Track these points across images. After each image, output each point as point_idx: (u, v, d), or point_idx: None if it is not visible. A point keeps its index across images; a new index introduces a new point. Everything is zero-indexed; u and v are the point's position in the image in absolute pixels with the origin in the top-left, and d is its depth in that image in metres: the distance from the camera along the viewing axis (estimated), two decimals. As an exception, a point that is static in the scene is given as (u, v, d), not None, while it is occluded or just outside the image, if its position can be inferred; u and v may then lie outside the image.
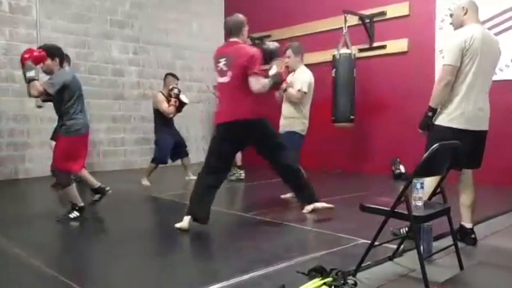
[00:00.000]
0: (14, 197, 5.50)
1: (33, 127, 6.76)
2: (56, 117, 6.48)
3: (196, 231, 3.50)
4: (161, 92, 5.87)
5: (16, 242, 3.22)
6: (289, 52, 4.47)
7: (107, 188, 4.23)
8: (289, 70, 4.37)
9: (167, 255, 3.06)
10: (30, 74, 3.69)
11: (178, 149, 6.00)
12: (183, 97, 5.82)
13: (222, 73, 3.57)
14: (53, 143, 5.71)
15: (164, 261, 2.88)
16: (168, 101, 5.70)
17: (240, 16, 3.64)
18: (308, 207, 3.91)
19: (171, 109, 5.68)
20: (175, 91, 5.66)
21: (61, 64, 3.93)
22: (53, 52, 3.86)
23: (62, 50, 4.01)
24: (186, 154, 6.15)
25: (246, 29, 3.66)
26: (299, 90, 4.43)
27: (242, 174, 6.34)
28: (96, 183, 4.21)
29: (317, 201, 3.94)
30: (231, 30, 3.61)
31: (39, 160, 6.78)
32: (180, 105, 5.85)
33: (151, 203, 5.05)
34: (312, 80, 4.57)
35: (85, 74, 7.10)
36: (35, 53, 3.78)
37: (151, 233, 3.69)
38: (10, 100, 6.54)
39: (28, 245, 3.18)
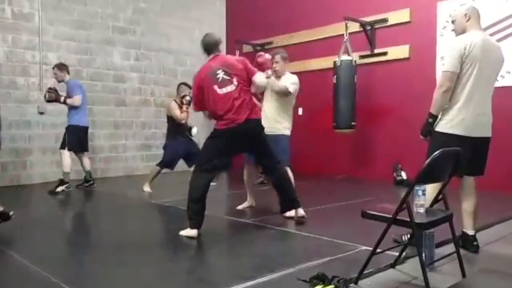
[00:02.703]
0: (16, 203, 5.49)
1: (35, 133, 6.78)
2: (58, 122, 6.59)
3: (196, 237, 3.49)
4: (174, 100, 6.03)
5: (17, 248, 3.22)
6: (277, 57, 4.50)
7: (11, 213, 3.74)
8: (277, 75, 4.41)
9: (166, 263, 3.05)
10: None
11: (192, 156, 6.09)
12: (194, 130, 5.98)
13: (224, 82, 3.62)
14: (65, 152, 5.80)
15: (163, 269, 2.87)
16: (180, 108, 5.86)
17: (216, 34, 3.86)
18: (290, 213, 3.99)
19: (184, 115, 5.86)
20: (187, 98, 5.86)
21: None
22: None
23: None
24: None
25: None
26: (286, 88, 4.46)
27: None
28: None
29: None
30: (215, 46, 3.79)
31: (40, 166, 6.80)
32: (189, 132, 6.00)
33: (150, 209, 5.02)
34: (298, 84, 4.55)
35: (87, 80, 7.12)
36: None
37: (150, 240, 3.67)
38: (12, 106, 6.56)
39: (29, 251, 3.18)
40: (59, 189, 5.72)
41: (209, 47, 3.78)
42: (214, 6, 9.10)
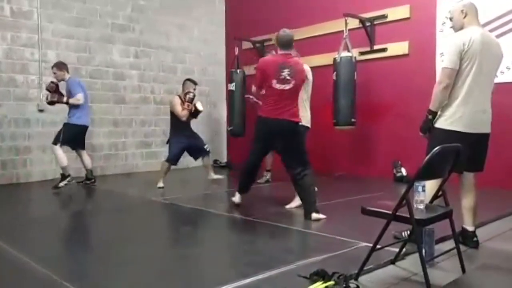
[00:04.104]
0: (16, 201, 5.50)
1: (34, 131, 6.77)
2: (58, 120, 6.59)
3: (196, 234, 3.50)
4: (178, 95, 6.00)
5: (17, 246, 3.22)
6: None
7: None
8: None
9: (167, 260, 3.05)
10: None
11: (197, 150, 6.11)
12: (198, 105, 6.00)
13: (285, 81, 3.98)
14: (56, 147, 5.76)
15: (163, 266, 2.87)
16: (183, 104, 5.82)
17: (291, 33, 4.19)
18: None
19: (184, 112, 5.81)
20: (190, 95, 5.84)
21: None
22: None
23: None
24: (207, 154, 6.20)
25: None
26: None
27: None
28: None
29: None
30: (288, 44, 4.11)
31: (40, 164, 6.79)
32: (196, 111, 6.00)
33: (151, 207, 5.01)
34: (311, 75, 4.82)
35: (87, 78, 7.11)
36: None
37: (150, 238, 3.67)
38: (12, 104, 6.56)
39: (29, 249, 3.18)
40: (62, 184, 5.73)
41: (282, 43, 4.12)
42: (213, 3, 9.08)
